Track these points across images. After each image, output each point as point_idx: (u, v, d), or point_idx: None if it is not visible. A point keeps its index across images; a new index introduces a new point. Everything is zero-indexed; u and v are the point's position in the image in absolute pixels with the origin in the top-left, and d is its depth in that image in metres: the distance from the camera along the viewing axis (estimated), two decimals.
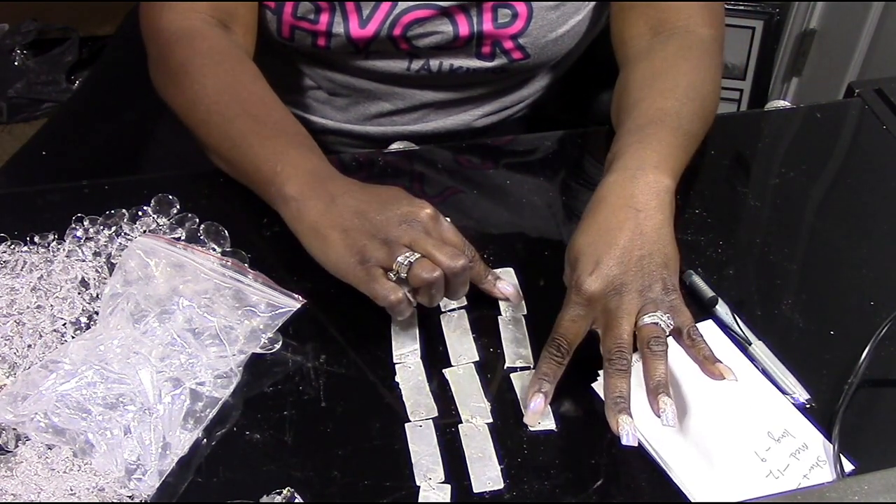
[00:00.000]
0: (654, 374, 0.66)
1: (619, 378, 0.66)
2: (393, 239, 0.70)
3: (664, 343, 0.67)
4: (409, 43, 0.91)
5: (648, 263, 0.70)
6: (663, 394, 0.65)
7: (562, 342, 0.68)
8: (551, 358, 0.68)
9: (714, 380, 0.66)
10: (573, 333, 0.69)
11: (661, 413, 0.65)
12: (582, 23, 0.94)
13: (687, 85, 0.82)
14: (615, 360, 0.67)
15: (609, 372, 0.67)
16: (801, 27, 1.85)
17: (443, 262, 0.69)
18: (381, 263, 0.70)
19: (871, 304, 0.77)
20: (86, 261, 0.77)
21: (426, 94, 0.98)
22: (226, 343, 0.69)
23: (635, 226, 0.71)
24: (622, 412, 0.65)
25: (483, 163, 0.92)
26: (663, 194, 0.73)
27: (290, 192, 0.75)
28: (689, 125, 0.80)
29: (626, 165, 0.75)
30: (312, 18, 0.89)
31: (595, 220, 0.72)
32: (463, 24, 0.90)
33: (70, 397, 0.65)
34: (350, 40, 0.90)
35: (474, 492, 0.64)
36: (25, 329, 0.72)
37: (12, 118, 2.12)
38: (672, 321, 0.68)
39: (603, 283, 0.68)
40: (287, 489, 0.63)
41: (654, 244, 0.70)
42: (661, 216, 0.72)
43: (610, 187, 0.74)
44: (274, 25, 0.91)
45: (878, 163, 0.92)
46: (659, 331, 0.67)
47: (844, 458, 0.66)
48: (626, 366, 0.67)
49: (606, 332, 0.69)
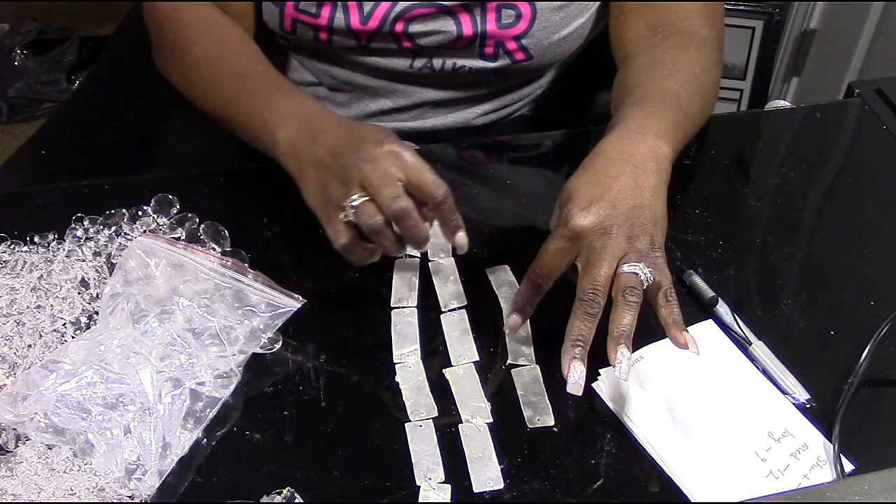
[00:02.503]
0: (621, 323, 0.65)
1: (584, 321, 0.66)
2: (348, 178, 0.70)
3: (639, 295, 0.66)
4: (412, 41, 0.92)
5: (639, 215, 0.69)
6: (624, 345, 0.64)
7: (541, 273, 0.69)
8: (530, 286, 0.69)
9: (677, 346, 0.66)
10: (554, 265, 0.69)
11: (616, 363, 0.64)
12: (585, 25, 0.94)
13: (687, 72, 0.82)
14: (587, 300, 0.66)
15: (577, 313, 0.66)
16: (801, 27, 1.85)
17: (381, 204, 0.69)
18: (337, 204, 0.70)
19: (871, 304, 0.77)
20: (86, 261, 0.77)
21: (427, 93, 0.98)
22: (226, 343, 0.69)
23: (631, 178, 0.70)
24: (577, 357, 0.65)
25: (483, 161, 0.92)
26: (661, 160, 0.73)
27: (279, 136, 0.77)
28: (689, 107, 0.80)
29: (627, 128, 0.75)
30: (314, 12, 0.89)
31: (592, 167, 0.72)
32: (466, 24, 0.90)
33: (70, 397, 0.65)
34: (351, 32, 0.90)
35: (474, 492, 0.64)
36: (25, 329, 0.72)
37: (12, 118, 2.12)
38: (653, 276, 0.67)
39: (593, 219, 0.68)
40: (287, 489, 0.63)
41: (648, 199, 0.70)
42: (657, 177, 0.72)
43: (610, 143, 0.74)
44: (276, 19, 0.92)
45: (878, 163, 0.92)
46: (637, 282, 0.66)
47: (844, 458, 0.66)
48: (596, 310, 0.66)
49: (585, 271, 0.68)
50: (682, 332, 0.66)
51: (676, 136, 0.77)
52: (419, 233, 0.71)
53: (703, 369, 0.71)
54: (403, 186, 0.70)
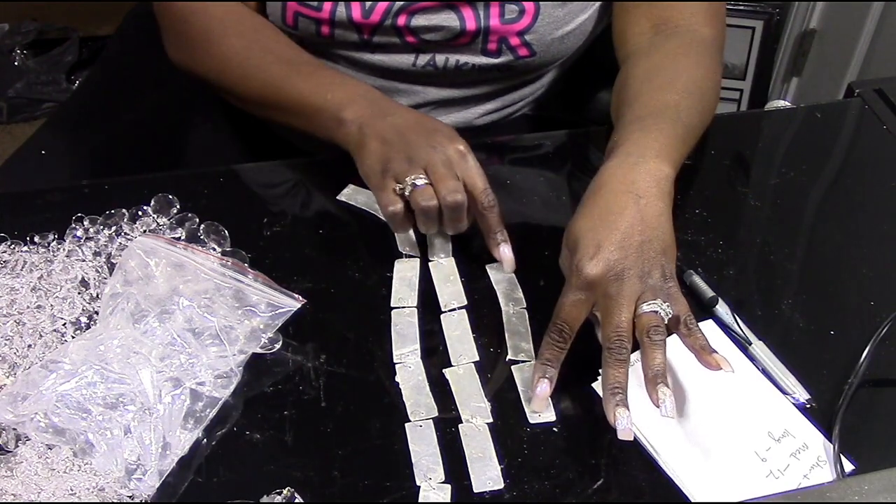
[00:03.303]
0: (654, 364, 0.66)
1: (617, 368, 0.66)
2: (415, 159, 0.76)
3: (663, 332, 0.67)
4: (415, 36, 0.92)
5: (648, 249, 0.69)
6: (662, 384, 0.65)
7: (563, 327, 0.68)
8: (554, 343, 0.68)
9: (710, 370, 0.66)
10: (574, 318, 0.69)
11: (659, 403, 0.64)
12: (588, 22, 0.95)
13: (687, 80, 0.83)
14: (614, 348, 0.66)
15: (608, 361, 0.67)
16: (801, 27, 1.85)
17: (440, 192, 0.75)
18: (396, 177, 0.76)
19: (871, 304, 0.77)
20: (86, 261, 0.77)
21: (430, 92, 0.98)
22: (226, 343, 0.69)
23: (636, 211, 0.71)
24: (619, 405, 0.65)
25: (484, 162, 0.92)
26: (664, 182, 0.73)
27: (345, 114, 0.81)
28: (689, 118, 0.80)
29: (627, 152, 0.75)
30: (316, 5, 0.89)
31: (595, 203, 0.72)
32: (469, 19, 0.90)
33: (70, 397, 0.65)
34: (353, 26, 0.90)
35: (474, 492, 0.64)
36: (25, 329, 0.72)
37: (12, 118, 2.12)
38: (671, 310, 0.68)
39: (604, 267, 0.68)
40: (287, 489, 0.63)
41: (655, 230, 0.70)
42: (661, 203, 0.72)
43: (611, 172, 0.74)
44: (278, 13, 0.92)
45: (878, 163, 0.92)
46: (658, 320, 0.67)
47: (844, 458, 0.66)
48: (624, 355, 0.66)
49: (606, 319, 0.68)
50: (712, 356, 0.66)
51: (678, 153, 0.77)
52: (460, 226, 0.78)
53: (704, 369, 0.71)
54: None
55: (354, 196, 0.86)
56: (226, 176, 0.87)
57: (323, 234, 0.83)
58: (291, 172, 0.89)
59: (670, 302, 0.68)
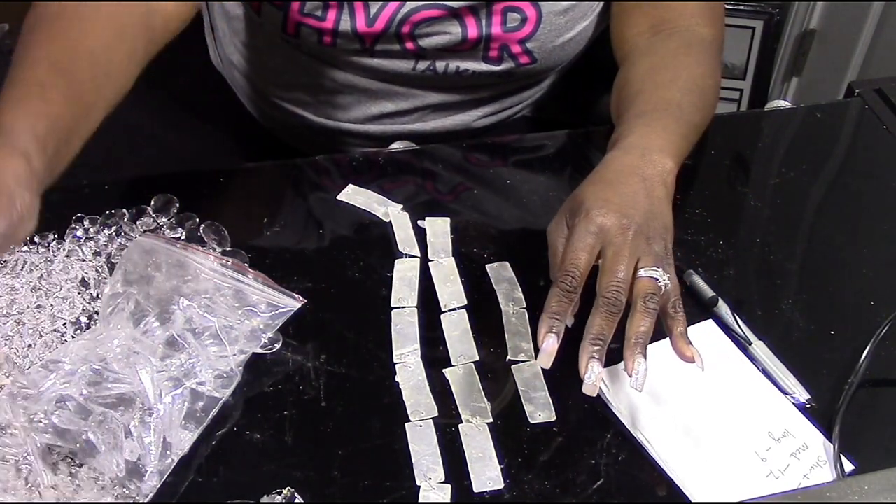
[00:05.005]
0: (639, 330, 0.64)
1: (606, 319, 0.65)
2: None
3: (658, 302, 0.66)
4: (416, 43, 0.91)
5: (653, 220, 0.70)
6: (640, 354, 0.64)
7: (572, 272, 0.66)
8: (562, 294, 0.66)
9: (682, 359, 0.66)
10: (584, 262, 0.67)
11: (632, 372, 0.64)
12: (588, 27, 0.95)
13: (687, 78, 0.83)
14: (609, 299, 0.65)
15: (599, 310, 0.65)
16: (801, 27, 1.85)
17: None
18: None
19: (871, 304, 0.77)
20: (86, 261, 0.77)
21: (429, 95, 0.98)
22: (226, 343, 0.69)
23: (642, 188, 0.71)
24: (594, 357, 0.64)
25: (484, 162, 0.92)
26: (666, 175, 0.74)
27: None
28: (690, 116, 0.80)
29: (632, 144, 0.75)
30: (319, 15, 0.89)
31: (602, 176, 0.73)
32: (472, 27, 0.90)
33: (70, 397, 0.64)
34: (357, 36, 0.90)
35: (474, 492, 0.64)
36: (25, 329, 0.72)
37: None
38: (669, 284, 0.67)
39: (614, 216, 0.68)
40: (287, 489, 0.63)
41: (659, 209, 0.71)
42: (664, 190, 0.73)
43: (617, 157, 0.74)
44: (278, 21, 0.91)
45: (878, 163, 0.92)
46: (656, 288, 0.66)
47: (844, 458, 0.66)
48: (617, 309, 0.65)
49: (607, 268, 0.67)
50: (688, 346, 0.66)
51: (680, 150, 0.77)
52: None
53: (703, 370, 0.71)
54: None
55: (354, 196, 0.86)
56: (226, 176, 0.87)
57: (323, 234, 0.83)
58: (291, 172, 0.89)
59: (669, 277, 0.68)
